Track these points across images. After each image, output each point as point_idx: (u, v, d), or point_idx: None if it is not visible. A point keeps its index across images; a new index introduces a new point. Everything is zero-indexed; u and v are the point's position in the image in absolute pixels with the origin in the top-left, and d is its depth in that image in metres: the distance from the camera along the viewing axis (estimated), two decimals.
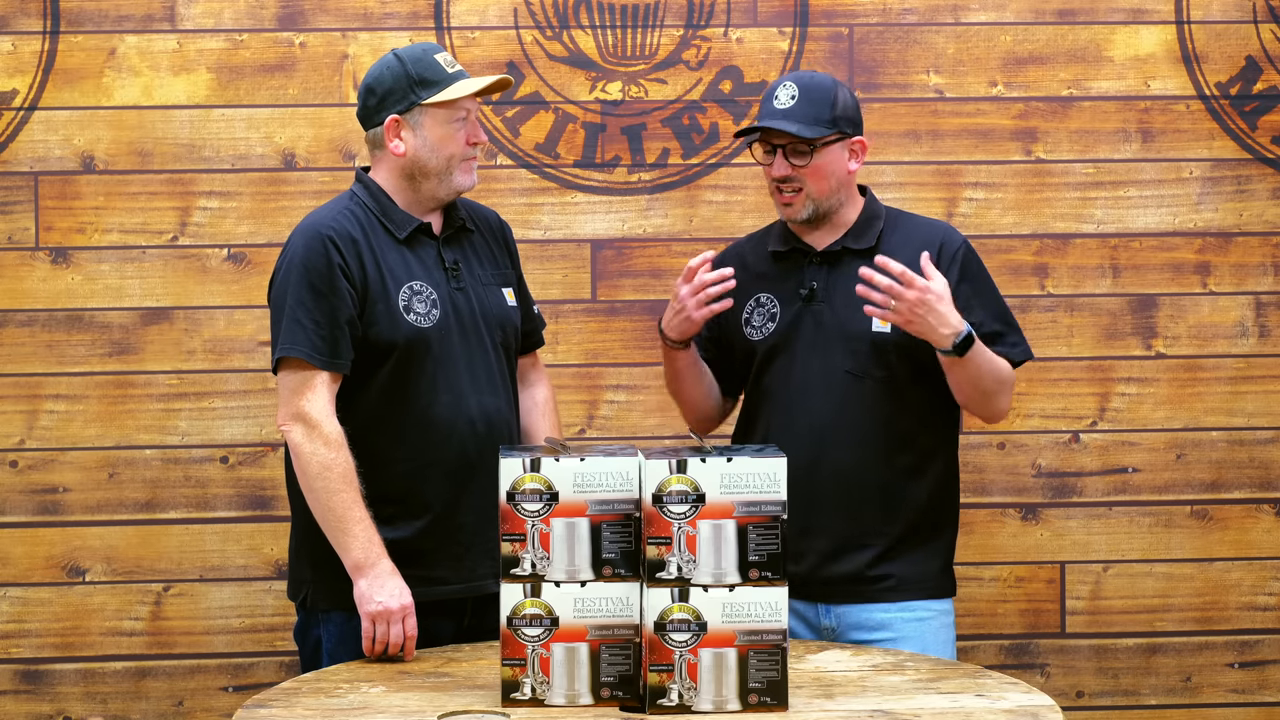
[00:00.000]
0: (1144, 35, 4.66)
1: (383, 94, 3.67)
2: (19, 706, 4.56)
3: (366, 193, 3.70)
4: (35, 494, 4.56)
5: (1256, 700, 4.71)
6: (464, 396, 3.65)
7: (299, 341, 3.56)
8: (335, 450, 3.53)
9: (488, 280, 3.76)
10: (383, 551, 3.54)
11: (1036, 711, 3.08)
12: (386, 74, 3.67)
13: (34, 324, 4.55)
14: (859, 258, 3.76)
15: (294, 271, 3.60)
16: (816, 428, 3.73)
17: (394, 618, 3.49)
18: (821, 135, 3.73)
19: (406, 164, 3.67)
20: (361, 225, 3.64)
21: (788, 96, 3.76)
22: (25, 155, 4.53)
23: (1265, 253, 4.69)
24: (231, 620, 4.58)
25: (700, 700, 3.07)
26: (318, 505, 3.55)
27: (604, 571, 3.11)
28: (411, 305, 3.63)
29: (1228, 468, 4.70)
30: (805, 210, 3.77)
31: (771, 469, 3.07)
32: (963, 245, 3.81)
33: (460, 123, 3.67)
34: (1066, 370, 4.68)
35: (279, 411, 3.60)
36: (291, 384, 3.58)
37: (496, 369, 3.72)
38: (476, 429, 3.65)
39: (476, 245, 3.78)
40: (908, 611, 3.74)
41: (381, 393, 3.63)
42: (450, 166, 3.67)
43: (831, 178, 3.76)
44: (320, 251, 3.58)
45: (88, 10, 4.54)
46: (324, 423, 3.54)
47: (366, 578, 3.52)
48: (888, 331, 3.72)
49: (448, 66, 3.68)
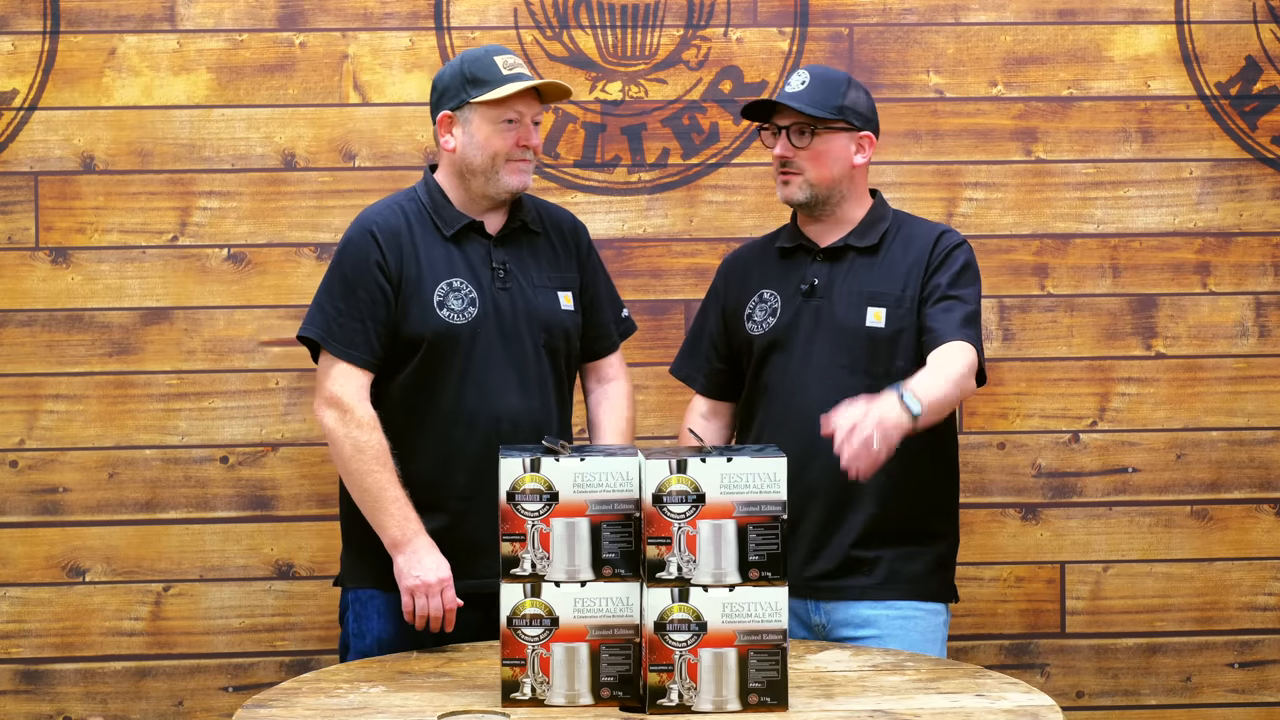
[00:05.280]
0: (1144, 35, 4.66)
1: (441, 90, 3.78)
2: (19, 706, 4.56)
3: (425, 189, 3.79)
4: (35, 494, 4.56)
5: (1256, 700, 4.71)
6: (491, 395, 3.69)
7: (315, 323, 3.70)
8: (368, 432, 3.62)
9: (542, 283, 3.80)
10: (420, 528, 3.62)
11: (1036, 711, 3.08)
12: (448, 72, 3.79)
13: (34, 324, 4.55)
14: (862, 255, 3.79)
15: (335, 259, 3.74)
16: (810, 422, 3.70)
17: (432, 590, 3.59)
18: (824, 117, 3.76)
19: (456, 160, 3.75)
20: (409, 220, 3.74)
21: (799, 82, 3.81)
22: (25, 155, 4.53)
23: (1265, 253, 4.69)
24: (231, 620, 4.58)
25: (700, 700, 3.07)
26: (354, 486, 3.65)
27: (604, 571, 3.11)
28: (446, 301, 3.69)
29: (1228, 468, 4.69)
30: (801, 192, 3.79)
31: (771, 469, 3.08)
32: (961, 243, 3.82)
33: (510, 124, 3.72)
34: (1066, 370, 4.68)
35: (315, 398, 3.72)
36: (322, 369, 3.70)
37: (535, 371, 3.75)
38: (501, 428, 3.68)
39: (539, 247, 3.82)
40: (893, 610, 3.74)
41: (409, 385, 3.70)
42: (495, 165, 3.73)
43: (832, 165, 3.78)
44: (360, 245, 3.71)
45: (88, 10, 4.54)
46: (356, 406, 3.64)
47: (404, 553, 3.61)
48: (882, 326, 3.73)
49: (504, 68, 3.74)
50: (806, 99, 3.78)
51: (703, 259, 4.61)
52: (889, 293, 3.77)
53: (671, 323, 4.62)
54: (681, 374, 4.06)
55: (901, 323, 3.75)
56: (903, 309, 3.76)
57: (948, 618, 3.85)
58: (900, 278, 3.78)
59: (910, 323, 3.76)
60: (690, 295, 4.60)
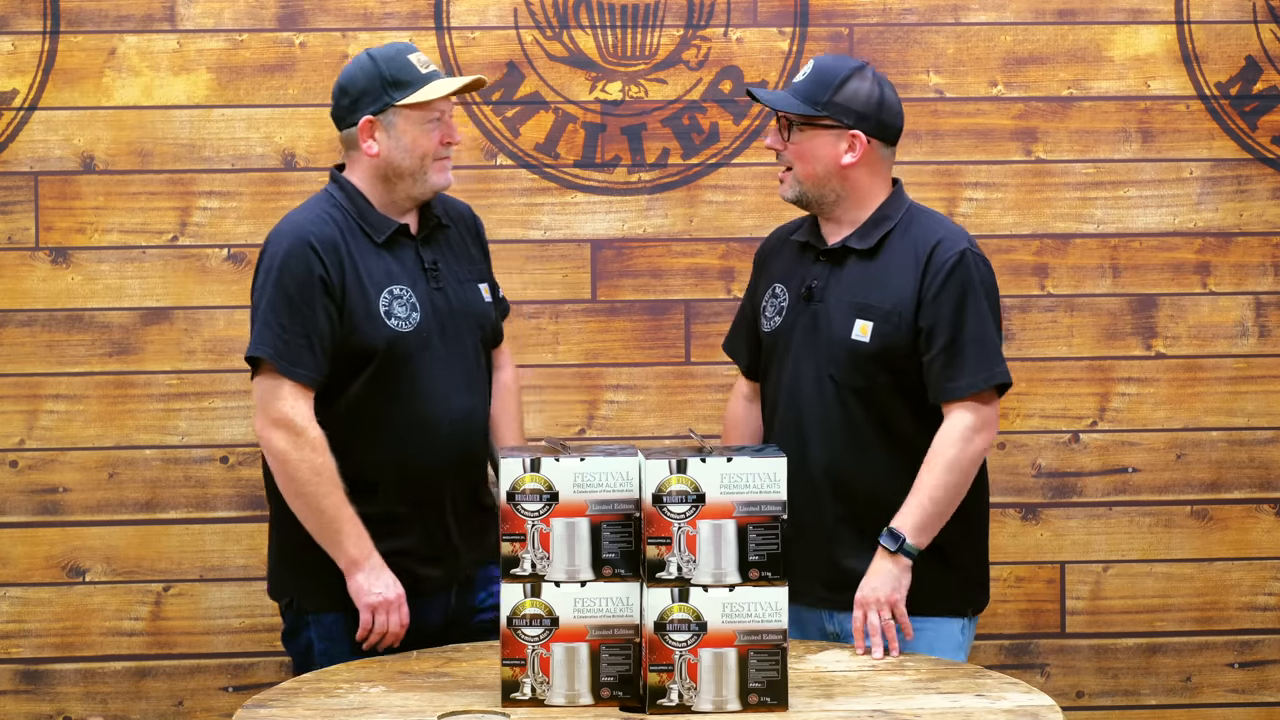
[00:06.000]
0: (1144, 35, 4.66)
1: (356, 94, 3.65)
2: (19, 706, 4.56)
3: (343, 194, 3.68)
4: (35, 494, 4.56)
5: (1256, 700, 4.71)
6: (445, 398, 3.66)
7: (266, 342, 3.56)
8: (322, 454, 3.55)
9: (464, 277, 3.76)
10: (373, 547, 3.59)
11: (1036, 711, 3.08)
12: (360, 74, 3.66)
13: (34, 324, 4.55)
14: (860, 259, 3.67)
15: (272, 274, 3.59)
16: (801, 430, 3.66)
17: (391, 607, 3.57)
18: (800, 112, 3.63)
19: (380, 165, 3.66)
20: (341, 230, 3.63)
21: (803, 73, 3.70)
22: (25, 155, 4.53)
23: (1265, 253, 4.69)
24: (231, 620, 4.58)
25: (700, 700, 3.07)
26: (308, 509, 3.57)
27: (604, 571, 3.11)
28: (392, 310, 3.62)
29: (1228, 468, 4.69)
30: (790, 190, 3.69)
31: (771, 469, 3.07)
32: (955, 257, 3.62)
33: (434, 123, 3.65)
34: (1066, 370, 4.68)
35: (257, 417, 3.60)
36: (269, 388, 3.58)
37: (475, 367, 3.73)
38: (456, 429, 3.66)
39: (453, 241, 3.77)
40: None
41: (364, 396, 3.63)
42: (424, 166, 3.65)
43: (815, 163, 3.65)
44: (302, 259, 3.58)
45: (88, 10, 4.54)
46: (309, 428, 3.55)
47: (363, 571, 3.58)
48: (866, 341, 3.61)
49: (421, 67, 3.66)
50: (797, 91, 3.65)
51: (703, 259, 4.61)
52: (878, 306, 3.62)
53: (671, 322, 4.62)
54: (729, 349, 3.94)
55: (887, 340, 3.60)
56: (890, 325, 3.61)
57: (967, 629, 3.71)
58: (893, 292, 3.62)
59: (898, 341, 3.61)
60: (690, 295, 4.60)
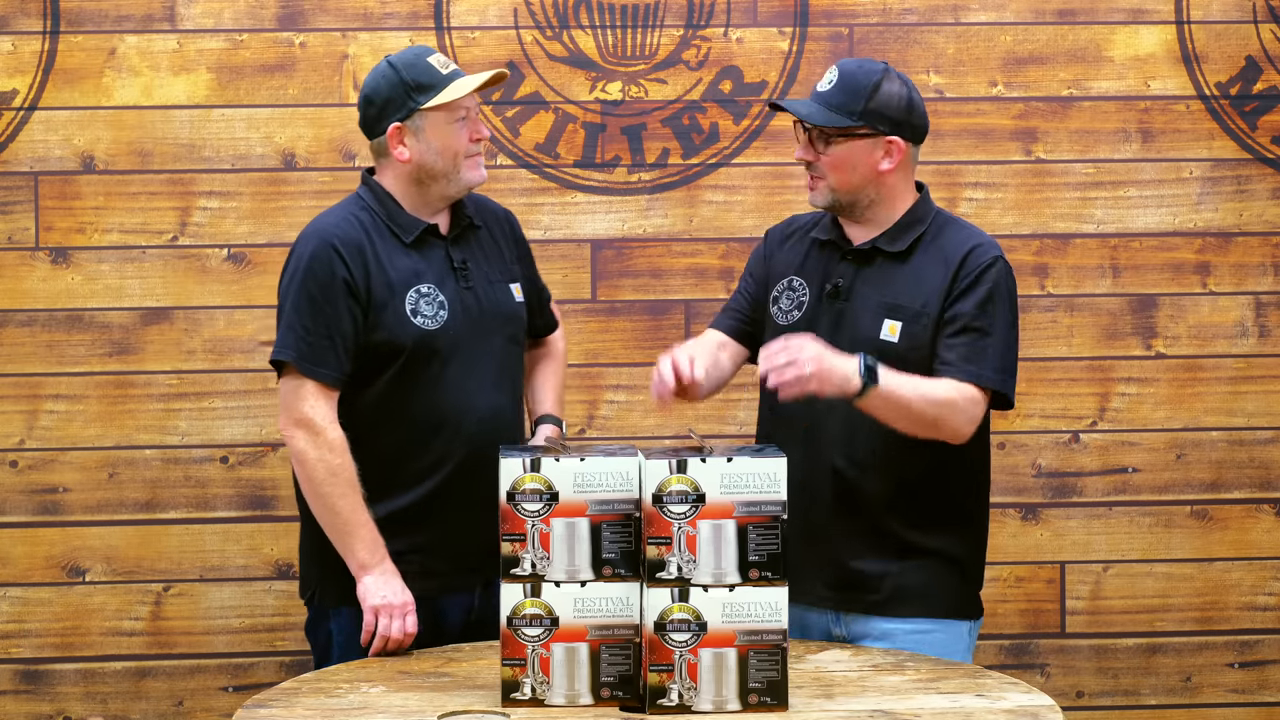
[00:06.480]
0: (1144, 35, 4.66)
1: (381, 103, 3.68)
2: (19, 706, 4.56)
3: (373, 197, 3.71)
4: (35, 494, 4.56)
5: (1256, 700, 4.71)
6: (472, 396, 3.68)
7: (289, 345, 3.62)
8: (340, 455, 3.58)
9: (495, 277, 3.77)
10: (385, 553, 3.60)
11: (1036, 711, 3.07)
12: (383, 83, 3.69)
13: (34, 324, 4.55)
14: (890, 260, 3.64)
15: (297, 277, 3.64)
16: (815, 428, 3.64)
17: (397, 613, 3.56)
18: (838, 125, 3.60)
19: (413, 169, 3.69)
20: (368, 231, 3.67)
21: (827, 81, 3.64)
22: (25, 155, 4.53)
23: (1265, 253, 4.69)
24: (231, 620, 4.58)
25: (700, 700, 3.07)
26: (324, 509, 3.60)
27: (604, 571, 3.11)
28: (419, 308, 3.65)
29: (1228, 468, 4.70)
30: (823, 198, 3.64)
31: (771, 469, 3.07)
32: (992, 263, 3.61)
33: (461, 122, 3.68)
34: (1066, 370, 4.68)
35: (281, 416, 3.65)
36: (291, 389, 3.63)
37: (504, 366, 3.75)
38: (484, 427, 3.67)
39: (484, 242, 3.80)
40: (908, 624, 3.60)
41: (389, 394, 3.66)
42: (457, 165, 3.69)
43: (853, 172, 3.61)
44: (325, 261, 3.62)
45: (88, 10, 4.54)
46: (328, 429, 3.59)
47: (372, 574, 3.58)
48: (894, 341, 3.59)
49: (442, 68, 3.69)
50: (828, 101, 3.61)
51: (703, 259, 4.61)
52: (908, 306, 3.61)
53: (671, 322, 4.62)
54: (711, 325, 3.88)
55: (915, 340, 3.59)
56: (919, 325, 3.59)
57: (973, 631, 3.69)
58: (923, 292, 3.61)
59: (925, 340, 3.59)
60: (690, 295, 4.60)
